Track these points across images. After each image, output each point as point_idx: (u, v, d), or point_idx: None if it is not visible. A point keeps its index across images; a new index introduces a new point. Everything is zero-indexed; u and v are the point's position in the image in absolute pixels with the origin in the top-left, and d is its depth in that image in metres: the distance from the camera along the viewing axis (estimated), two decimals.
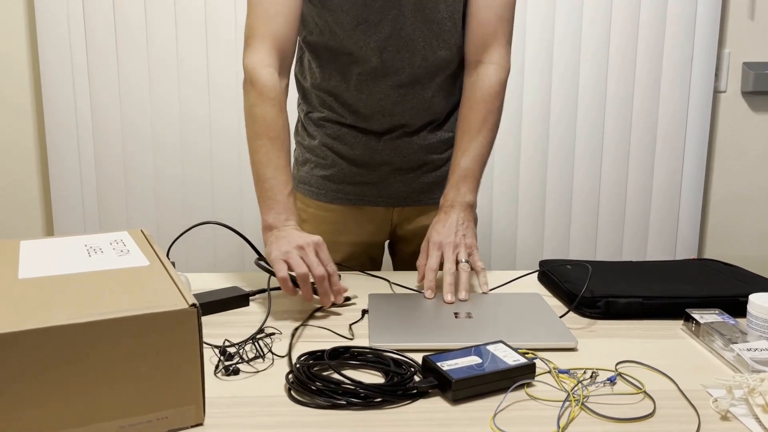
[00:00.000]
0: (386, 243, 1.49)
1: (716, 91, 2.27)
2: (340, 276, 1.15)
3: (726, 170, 2.33)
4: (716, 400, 0.80)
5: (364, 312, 1.10)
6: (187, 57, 2.10)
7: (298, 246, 1.08)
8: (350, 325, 1.05)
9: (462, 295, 1.13)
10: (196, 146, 2.16)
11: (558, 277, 1.19)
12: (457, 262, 1.17)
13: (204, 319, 1.07)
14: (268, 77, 1.18)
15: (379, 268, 1.48)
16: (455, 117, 1.37)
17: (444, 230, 1.20)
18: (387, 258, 1.52)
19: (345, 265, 1.38)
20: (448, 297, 1.12)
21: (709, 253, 2.38)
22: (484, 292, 1.17)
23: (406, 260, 1.46)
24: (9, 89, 2.14)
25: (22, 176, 2.20)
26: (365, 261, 1.43)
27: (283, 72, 1.22)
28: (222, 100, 2.13)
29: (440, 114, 1.34)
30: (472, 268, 1.18)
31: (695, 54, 2.18)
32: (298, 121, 1.44)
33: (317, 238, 1.10)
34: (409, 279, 1.28)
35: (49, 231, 2.23)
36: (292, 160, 1.45)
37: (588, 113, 2.19)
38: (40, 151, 2.19)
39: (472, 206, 1.25)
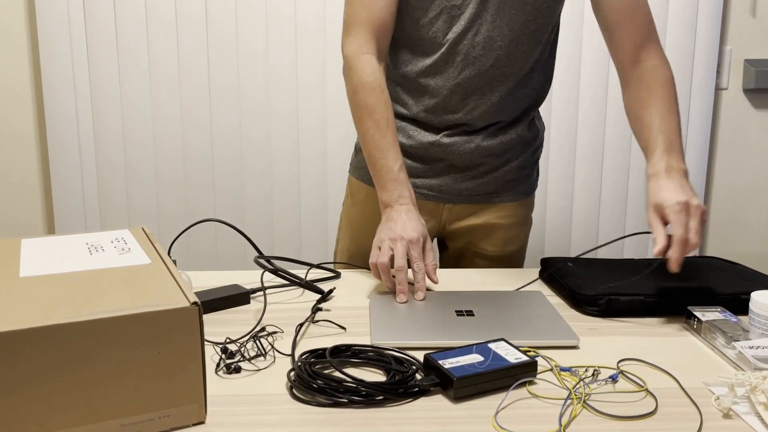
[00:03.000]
0: (435, 239, 1.48)
1: (718, 88, 2.26)
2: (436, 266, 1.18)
3: (728, 167, 2.33)
4: (718, 398, 0.80)
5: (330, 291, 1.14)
6: (188, 52, 2.10)
7: (393, 239, 1.14)
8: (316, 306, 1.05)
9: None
10: (198, 144, 2.16)
11: (560, 275, 1.19)
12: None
13: (205, 317, 1.07)
14: (366, 64, 1.23)
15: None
16: (523, 122, 1.35)
17: (675, 195, 1.07)
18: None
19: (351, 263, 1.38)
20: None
21: (711, 251, 2.38)
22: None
23: (451, 257, 1.47)
24: (10, 86, 2.14)
25: (24, 174, 2.20)
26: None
27: (381, 56, 1.26)
28: (224, 97, 2.13)
29: (505, 119, 1.33)
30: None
31: (697, 51, 2.17)
32: None
33: (417, 234, 1.15)
34: (447, 276, 1.27)
35: (50, 229, 2.23)
36: (353, 146, 1.45)
37: (590, 110, 2.19)
38: (41, 149, 2.19)
39: (687, 174, 1.15)
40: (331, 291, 1.16)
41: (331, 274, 1.27)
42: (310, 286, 1.18)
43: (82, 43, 2.08)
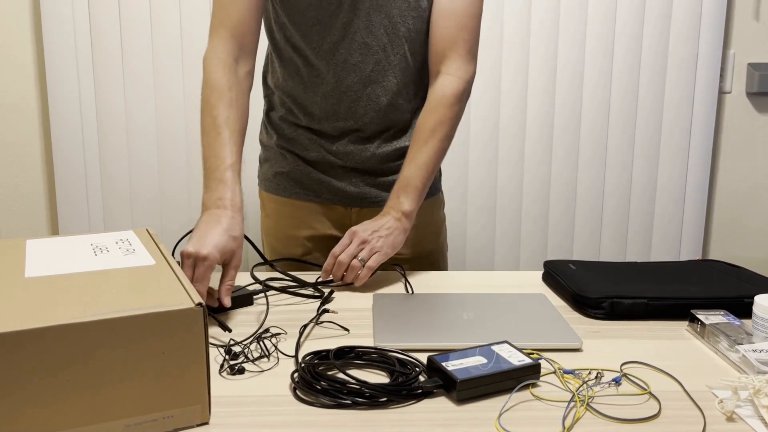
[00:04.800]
0: None
1: (721, 92, 2.26)
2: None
3: (730, 171, 2.33)
4: (722, 401, 0.80)
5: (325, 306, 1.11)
6: (192, 58, 2.10)
7: (187, 255, 1.03)
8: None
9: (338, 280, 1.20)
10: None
11: (562, 277, 1.19)
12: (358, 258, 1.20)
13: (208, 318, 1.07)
14: (215, 66, 1.20)
15: None
16: (413, 128, 1.36)
17: (365, 226, 1.23)
18: None
19: (305, 260, 1.39)
20: (326, 275, 1.20)
21: (714, 254, 2.37)
22: (348, 283, 1.20)
23: None
24: (14, 89, 2.15)
25: (28, 176, 2.20)
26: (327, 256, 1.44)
27: (243, 57, 1.23)
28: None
29: (396, 122, 1.34)
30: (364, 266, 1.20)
31: (700, 55, 2.17)
32: (261, 120, 1.47)
33: (208, 251, 1.02)
34: (450, 278, 1.28)
35: (54, 230, 2.24)
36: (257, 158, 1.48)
37: (592, 114, 2.19)
38: (45, 150, 2.19)
39: (408, 215, 1.25)
40: (331, 292, 1.17)
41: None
42: (311, 287, 1.18)
43: (86, 40, 2.08)
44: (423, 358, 0.90)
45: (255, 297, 1.15)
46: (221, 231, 1.05)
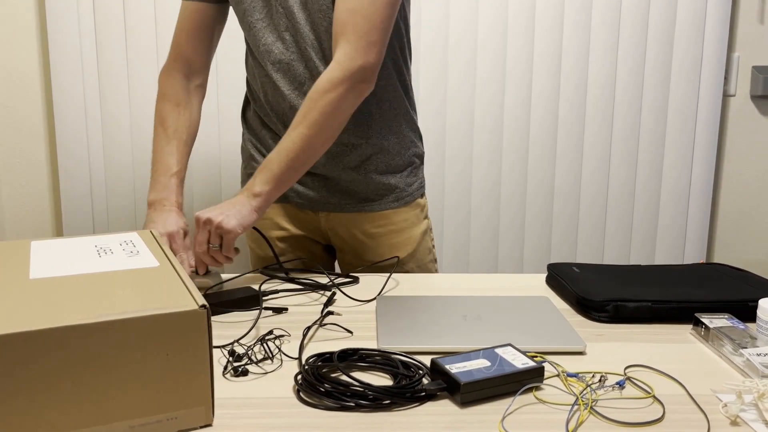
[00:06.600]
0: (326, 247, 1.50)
1: (725, 95, 2.26)
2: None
3: (735, 174, 2.32)
4: (726, 405, 0.80)
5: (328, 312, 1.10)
6: None
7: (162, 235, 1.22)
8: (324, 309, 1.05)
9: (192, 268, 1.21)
10: (205, 148, 2.16)
11: (566, 280, 1.19)
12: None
13: (212, 319, 1.07)
14: (165, 81, 1.36)
15: (323, 263, 1.49)
16: (372, 135, 1.34)
17: (209, 208, 1.18)
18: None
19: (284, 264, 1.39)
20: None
21: (718, 258, 2.37)
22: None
23: (345, 270, 1.46)
24: (20, 92, 2.15)
25: (32, 178, 2.21)
26: (304, 256, 1.44)
27: (192, 75, 1.38)
28: (230, 102, 2.13)
29: (344, 132, 1.31)
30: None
31: (704, 57, 2.17)
32: None
33: (176, 228, 1.22)
34: (453, 280, 1.28)
35: (59, 232, 2.24)
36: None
37: (596, 116, 2.18)
38: (50, 152, 2.20)
39: (258, 195, 1.19)
40: (333, 294, 1.17)
41: (335, 278, 1.27)
42: (312, 289, 1.18)
43: (91, 51, 2.09)
44: (426, 360, 0.90)
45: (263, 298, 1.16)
46: (175, 216, 1.25)
